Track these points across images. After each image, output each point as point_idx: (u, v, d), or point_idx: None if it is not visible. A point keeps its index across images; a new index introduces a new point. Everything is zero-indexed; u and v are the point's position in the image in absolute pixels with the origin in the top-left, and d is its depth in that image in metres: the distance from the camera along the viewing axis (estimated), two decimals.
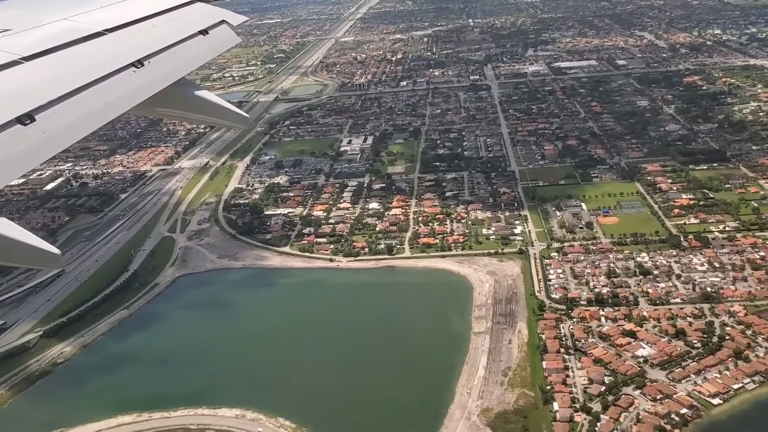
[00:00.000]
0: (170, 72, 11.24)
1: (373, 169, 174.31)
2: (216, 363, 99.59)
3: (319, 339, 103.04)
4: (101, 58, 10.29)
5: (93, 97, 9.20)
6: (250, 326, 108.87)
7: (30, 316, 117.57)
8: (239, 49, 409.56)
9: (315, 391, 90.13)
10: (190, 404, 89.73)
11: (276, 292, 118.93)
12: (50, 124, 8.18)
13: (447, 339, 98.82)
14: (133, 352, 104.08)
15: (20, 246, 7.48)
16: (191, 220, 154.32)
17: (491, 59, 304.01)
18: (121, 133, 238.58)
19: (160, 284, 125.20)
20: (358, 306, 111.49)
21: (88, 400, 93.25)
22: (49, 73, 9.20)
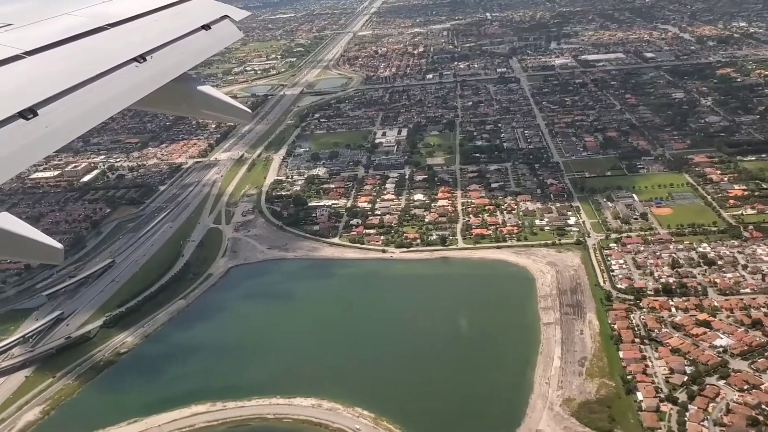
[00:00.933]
0: (173, 67, 11.10)
1: (412, 161, 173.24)
2: (282, 353, 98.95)
3: (384, 329, 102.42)
4: (104, 52, 10.18)
5: (96, 92, 9.07)
6: (310, 316, 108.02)
7: (86, 306, 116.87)
8: (257, 43, 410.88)
9: (389, 381, 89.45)
10: (262, 394, 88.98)
11: (333, 283, 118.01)
12: (53, 119, 8.10)
13: (516, 329, 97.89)
14: (196, 342, 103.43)
15: (22, 240, 7.33)
16: (235, 212, 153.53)
17: (516, 52, 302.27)
18: (150, 126, 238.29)
19: (213, 275, 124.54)
20: (419, 296, 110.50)
21: (157, 390, 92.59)
22: (52, 68, 9.10)
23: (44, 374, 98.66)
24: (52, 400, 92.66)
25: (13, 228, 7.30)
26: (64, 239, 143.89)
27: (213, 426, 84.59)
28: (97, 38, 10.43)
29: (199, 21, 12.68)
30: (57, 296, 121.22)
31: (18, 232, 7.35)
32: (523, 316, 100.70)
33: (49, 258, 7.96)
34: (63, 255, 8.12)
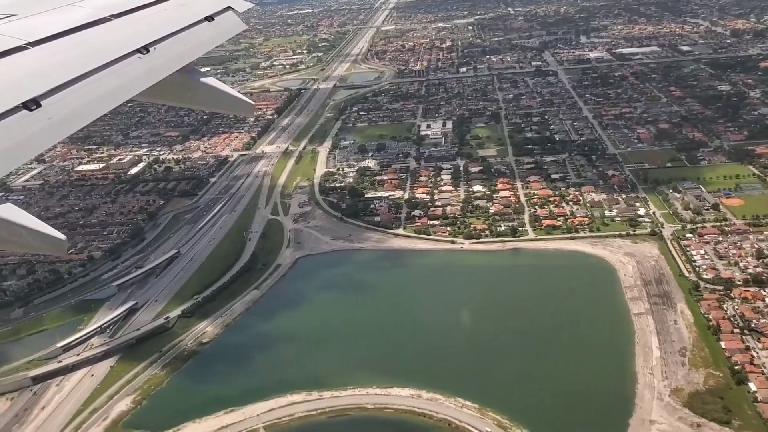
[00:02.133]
0: (176, 58, 10.99)
1: (463, 153, 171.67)
2: (367, 343, 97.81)
3: (469, 320, 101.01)
4: (107, 43, 10.07)
5: (99, 83, 8.98)
6: (389, 306, 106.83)
7: (159, 297, 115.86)
8: (280, 39, 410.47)
9: (485, 371, 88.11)
10: (355, 384, 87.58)
11: (406, 273, 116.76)
12: (56, 110, 8.03)
13: (606, 319, 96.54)
14: (277, 332, 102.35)
15: (26, 231, 7.17)
16: (291, 204, 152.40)
17: (547, 46, 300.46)
18: (187, 119, 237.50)
19: (282, 265, 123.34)
20: (500, 287, 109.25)
21: (247, 379, 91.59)
22: (55, 59, 9.02)
23: (129, 364, 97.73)
24: (141, 390, 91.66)
25: (16, 219, 7.09)
26: (122, 230, 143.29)
27: (313, 415, 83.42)
28: (100, 29, 10.32)
29: (203, 12, 12.45)
30: (126, 287, 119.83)
31: (22, 222, 7.13)
32: (611, 306, 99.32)
33: (53, 249, 7.70)
34: (66, 246, 7.92)
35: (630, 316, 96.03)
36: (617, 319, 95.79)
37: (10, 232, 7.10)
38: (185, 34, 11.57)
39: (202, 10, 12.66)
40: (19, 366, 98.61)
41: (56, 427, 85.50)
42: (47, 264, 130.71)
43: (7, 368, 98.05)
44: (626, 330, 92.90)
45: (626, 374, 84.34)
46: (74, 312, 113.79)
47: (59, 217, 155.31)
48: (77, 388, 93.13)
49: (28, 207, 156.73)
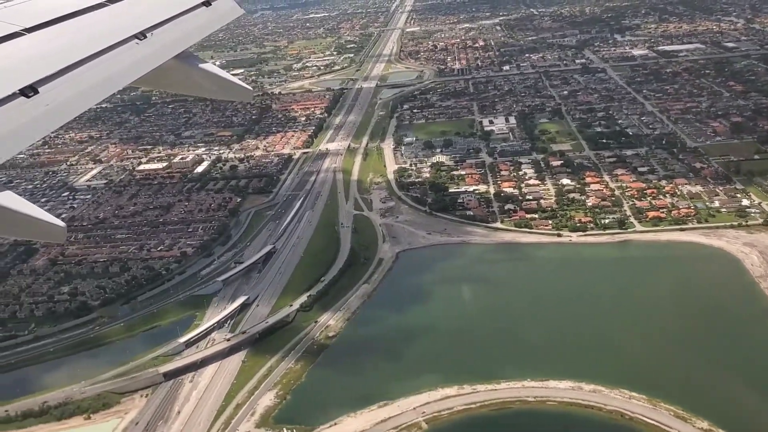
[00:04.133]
0: (174, 44, 10.76)
1: (537, 148, 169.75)
2: (503, 335, 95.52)
3: (603, 311, 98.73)
4: (104, 29, 9.87)
5: (96, 69, 8.81)
6: (515, 298, 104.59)
7: (268, 291, 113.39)
8: (304, 41, 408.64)
9: (642, 361, 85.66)
10: (507, 377, 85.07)
11: (523, 266, 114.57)
12: (54, 97, 7.86)
13: (752, 311, 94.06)
14: (405, 324, 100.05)
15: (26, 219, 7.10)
16: (372, 199, 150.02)
17: (585, 44, 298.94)
18: (236, 119, 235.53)
19: (384, 259, 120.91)
20: (624, 278, 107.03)
21: (389, 372, 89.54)
22: (52, 45, 8.87)
23: (259, 358, 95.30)
24: (281, 384, 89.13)
25: (17, 207, 7.04)
26: (207, 227, 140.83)
27: (472, 409, 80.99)
28: (97, 14, 10.08)
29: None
30: (231, 282, 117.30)
31: (22, 210, 7.08)
32: (750, 294, 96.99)
33: (52, 237, 7.71)
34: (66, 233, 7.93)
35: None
36: (761, 309, 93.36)
37: (11, 219, 7.00)
38: (182, 19, 11.23)
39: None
40: (146, 362, 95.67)
41: (203, 423, 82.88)
42: (140, 261, 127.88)
43: (133, 365, 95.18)
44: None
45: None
46: (184, 308, 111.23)
47: (136, 215, 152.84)
48: (213, 383, 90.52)
49: (99, 206, 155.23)
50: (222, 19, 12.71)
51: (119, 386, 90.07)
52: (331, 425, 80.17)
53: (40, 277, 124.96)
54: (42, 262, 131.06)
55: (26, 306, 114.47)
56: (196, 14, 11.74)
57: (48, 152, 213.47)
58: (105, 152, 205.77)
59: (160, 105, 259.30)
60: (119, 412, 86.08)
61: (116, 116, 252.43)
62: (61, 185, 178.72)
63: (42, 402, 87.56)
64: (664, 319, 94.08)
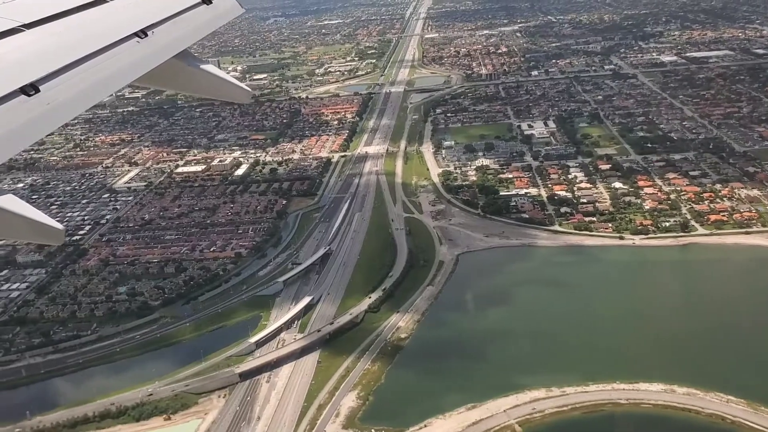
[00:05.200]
0: (175, 42, 10.54)
1: (582, 151, 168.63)
2: (584, 337, 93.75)
3: (683, 313, 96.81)
4: (105, 26, 9.67)
5: (98, 68, 8.57)
6: (590, 301, 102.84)
7: (330, 292, 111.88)
8: (322, 47, 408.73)
9: (732, 365, 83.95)
10: (596, 379, 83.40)
11: (591, 269, 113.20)
12: (55, 95, 7.73)
13: None
14: (478, 326, 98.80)
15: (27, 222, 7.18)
16: (420, 202, 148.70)
17: (611, 51, 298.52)
18: (267, 123, 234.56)
19: (445, 262, 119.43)
20: (700, 281, 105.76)
21: (471, 374, 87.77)
22: (53, 42, 8.60)
23: (333, 359, 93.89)
24: (361, 385, 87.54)
25: (19, 210, 7.09)
26: (257, 229, 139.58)
27: (564, 411, 79.33)
28: (96, 11, 9.88)
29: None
30: (291, 283, 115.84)
31: (24, 214, 7.13)
32: None
33: (52, 239, 7.67)
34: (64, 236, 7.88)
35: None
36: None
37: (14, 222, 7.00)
38: (183, 17, 10.99)
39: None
40: (220, 363, 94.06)
41: (288, 423, 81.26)
42: (195, 262, 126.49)
43: (206, 365, 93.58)
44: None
45: None
46: (248, 308, 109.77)
47: (182, 216, 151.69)
48: (290, 384, 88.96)
49: (143, 207, 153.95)
50: (222, 17, 12.41)
51: (196, 386, 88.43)
52: (422, 427, 78.32)
53: (94, 278, 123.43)
54: (94, 262, 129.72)
55: (85, 306, 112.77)
56: (196, 12, 11.46)
57: (80, 155, 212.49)
58: (139, 155, 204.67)
59: (187, 108, 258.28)
60: (199, 413, 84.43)
61: (145, 119, 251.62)
62: (99, 187, 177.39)
63: (118, 403, 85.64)
64: (744, 322, 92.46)
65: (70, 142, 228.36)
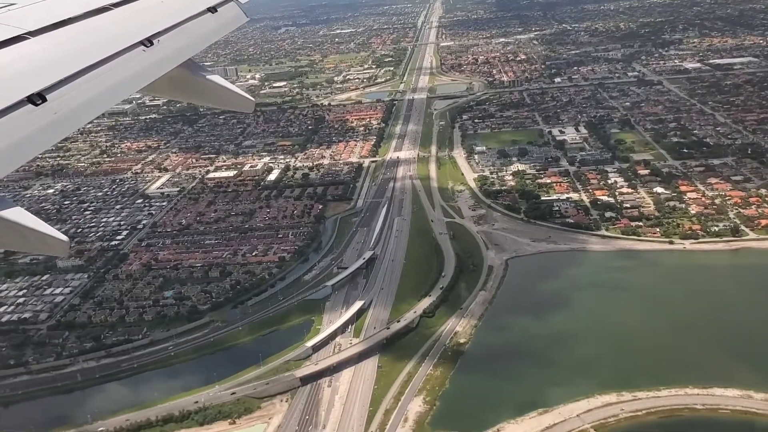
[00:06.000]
0: (181, 51, 10.38)
1: (618, 157, 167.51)
2: (646, 341, 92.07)
3: (746, 318, 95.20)
4: (110, 34, 9.48)
5: (104, 76, 8.46)
6: (649, 305, 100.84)
7: (379, 296, 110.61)
8: (338, 56, 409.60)
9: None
10: (667, 383, 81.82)
11: (644, 273, 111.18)
12: (62, 104, 7.62)
13: None
14: (537, 331, 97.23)
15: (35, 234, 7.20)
16: (459, 207, 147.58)
17: (632, 58, 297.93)
18: (291, 129, 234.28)
19: (494, 267, 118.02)
20: (759, 286, 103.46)
21: (537, 378, 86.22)
22: (58, 50, 8.48)
23: (393, 364, 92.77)
24: (426, 390, 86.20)
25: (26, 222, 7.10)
26: (297, 233, 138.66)
27: (639, 416, 77.83)
28: (102, 19, 9.76)
29: (206, 3, 11.82)
30: (338, 287, 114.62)
31: (32, 226, 7.13)
32: None
33: (57, 251, 7.67)
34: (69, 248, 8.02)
35: None
36: None
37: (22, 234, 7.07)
38: (189, 25, 10.87)
39: (205, 1, 11.86)
40: (278, 367, 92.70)
41: (356, 428, 79.81)
42: (239, 266, 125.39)
43: (264, 369, 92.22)
44: None
45: None
46: (298, 312, 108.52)
47: (219, 221, 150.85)
48: (353, 389, 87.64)
49: (178, 213, 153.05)
50: (227, 26, 12.36)
51: (257, 391, 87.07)
52: (493, 431, 76.70)
53: (138, 282, 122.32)
54: (136, 266, 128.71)
55: (133, 310, 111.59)
56: (202, 20, 11.37)
57: (108, 161, 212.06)
58: (167, 161, 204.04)
59: (210, 116, 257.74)
60: (263, 417, 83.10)
61: (168, 126, 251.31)
62: (132, 192, 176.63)
63: (181, 407, 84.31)
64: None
65: (96, 149, 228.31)
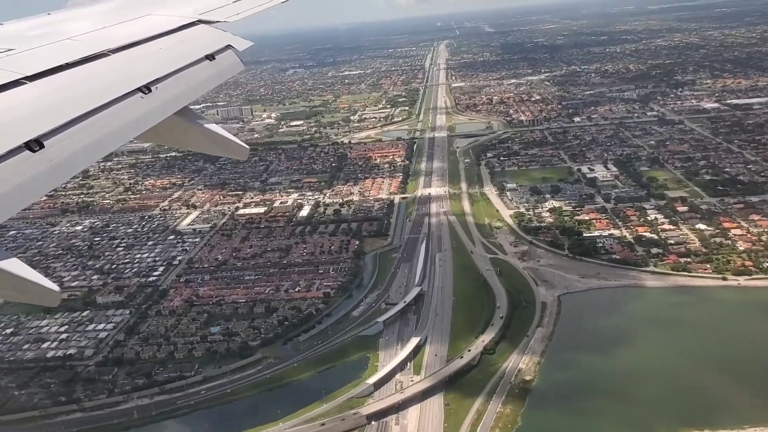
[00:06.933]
0: (178, 98, 10.32)
1: (653, 194, 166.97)
2: (714, 378, 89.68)
3: None
4: (108, 81, 9.49)
5: (102, 123, 8.42)
6: (711, 341, 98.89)
7: (434, 333, 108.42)
8: (351, 96, 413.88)
9: None
10: (751, 422, 79.44)
11: (704, 309, 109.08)
12: (59, 151, 7.59)
13: None
14: (607, 368, 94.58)
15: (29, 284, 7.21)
16: (500, 243, 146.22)
17: (648, 98, 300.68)
18: (315, 166, 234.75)
19: (547, 303, 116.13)
20: None
21: (615, 416, 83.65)
22: (56, 96, 8.46)
23: (460, 401, 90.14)
24: (498, 428, 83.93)
25: (21, 272, 7.12)
26: (338, 269, 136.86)
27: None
28: (100, 65, 9.66)
29: (204, 50, 11.78)
30: (390, 323, 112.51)
31: (26, 276, 7.13)
32: None
33: (48, 300, 7.56)
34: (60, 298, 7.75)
35: None
36: None
37: (16, 284, 7.08)
38: (187, 72, 10.81)
39: (203, 48, 11.83)
40: (342, 404, 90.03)
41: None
42: (284, 302, 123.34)
43: (327, 407, 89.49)
44: None
45: None
46: (353, 348, 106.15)
47: (256, 257, 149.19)
48: (422, 427, 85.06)
49: (213, 249, 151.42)
50: (225, 73, 12.26)
51: (325, 428, 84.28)
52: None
53: (182, 318, 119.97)
54: (178, 302, 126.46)
55: (182, 346, 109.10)
56: (200, 68, 11.29)
57: (133, 198, 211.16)
58: (194, 198, 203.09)
59: None
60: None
61: (190, 164, 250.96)
62: (162, 229, 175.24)
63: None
64: None
65: (119, 186, 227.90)
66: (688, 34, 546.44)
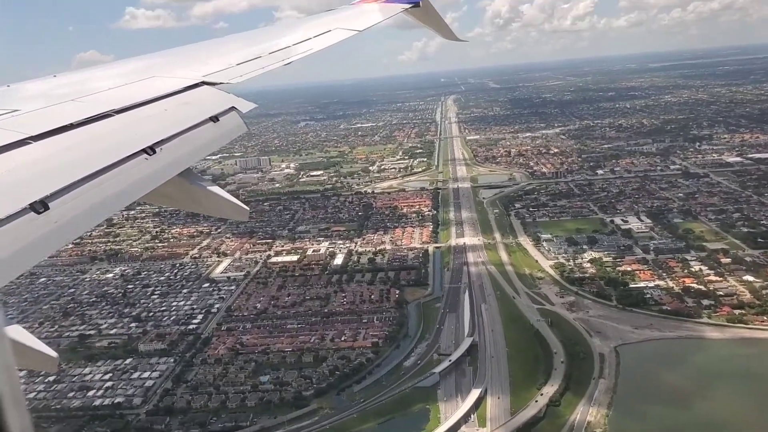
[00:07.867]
0: (182, 160, 10.21)
1: (691, 245, 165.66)
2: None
3: None
4: (113, 142, 9.40)
5: (107, 184, 8.33)
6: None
7: (493, 384, 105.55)
8: (366, 147, 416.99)
9: None
10: None
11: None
12: (64, 213, 7.46)
13: None
14: (683, 421, 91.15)
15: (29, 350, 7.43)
16: (545, 293, 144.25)
17: (668, 152, 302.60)
18: (341, 215, 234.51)
19: (604, 354, 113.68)
20: None
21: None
22: (61, 157, 8.39)
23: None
24: None
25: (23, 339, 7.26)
26: (383, 318, 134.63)
27: None
28: (103, 125, 9.62)
29: (207, 112, 11.64)
30: (445, 374, 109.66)
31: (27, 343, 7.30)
32: None
33: (48, 366, 7.86)
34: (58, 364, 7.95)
35: None
36: None
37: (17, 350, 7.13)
38: (191, 134, 10.70)
39: (207, 110, 11.70)
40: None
41: None
42: (333, 351, 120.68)
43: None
44: None
45: None
46: (410, 400, 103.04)
47: (296, 305, 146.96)
48: None
49: (250, 297, 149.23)
50: (228, 135, 12.06)
51: None
52: None
53: (229, 366, 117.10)
54: (222, 350, 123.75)
55: (233, 395, 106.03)
56: (203, 129, 11.15)
57: (161, 246, 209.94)
58: (224, 246, 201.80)
59: (254, 203, 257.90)
60: None
61: None
62: (196, 276, 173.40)
63: None
64: None
65: (145, 234, 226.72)
66: (696, 91, 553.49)
